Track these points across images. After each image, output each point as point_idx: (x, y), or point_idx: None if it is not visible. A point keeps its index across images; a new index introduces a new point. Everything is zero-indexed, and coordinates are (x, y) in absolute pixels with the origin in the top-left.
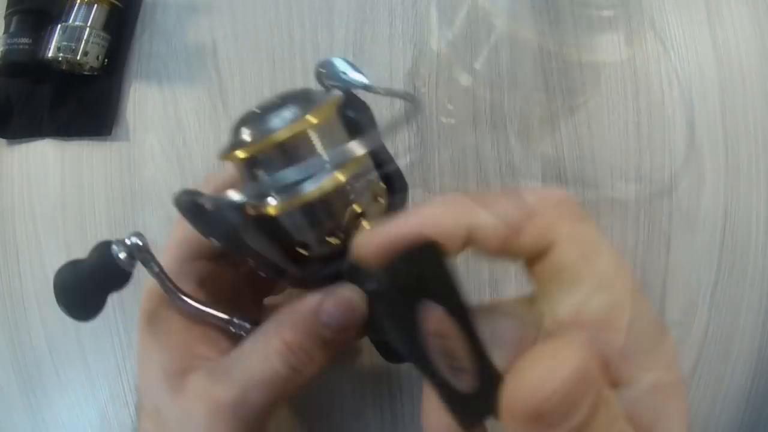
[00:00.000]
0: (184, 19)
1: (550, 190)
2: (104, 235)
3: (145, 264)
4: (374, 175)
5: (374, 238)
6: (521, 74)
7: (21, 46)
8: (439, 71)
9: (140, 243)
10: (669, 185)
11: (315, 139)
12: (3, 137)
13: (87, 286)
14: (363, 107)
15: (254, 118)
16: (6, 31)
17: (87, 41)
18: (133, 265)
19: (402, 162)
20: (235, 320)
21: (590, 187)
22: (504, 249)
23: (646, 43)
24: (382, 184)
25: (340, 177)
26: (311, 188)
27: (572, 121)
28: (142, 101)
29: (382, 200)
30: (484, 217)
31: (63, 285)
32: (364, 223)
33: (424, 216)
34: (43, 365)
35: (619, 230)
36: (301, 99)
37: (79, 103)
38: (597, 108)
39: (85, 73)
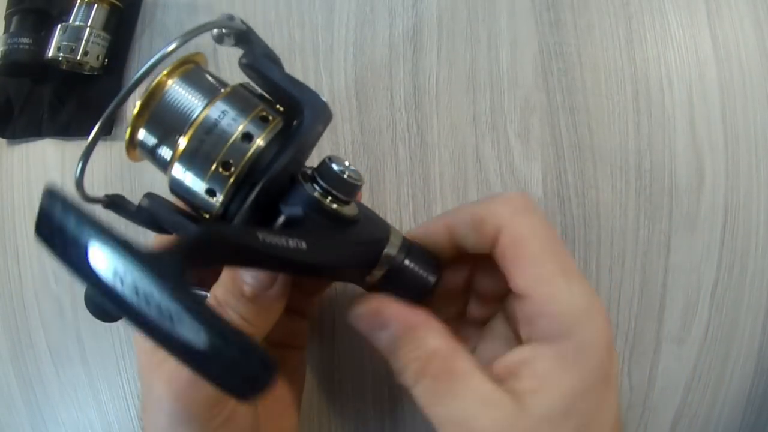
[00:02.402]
0: (184, 19)
1: (503, 194)
2: None
3: None
4: (259, 104)
5: None
6: (521, 74)
7: (21, 46)
8: (439, 71)
9: None
10: (669, 185)
11: (177, 92)
12: (3, 137)
13: None
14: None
15: None
16: (6, 30)
17: (87, 41)
18: None
19: (402, 167)
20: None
21: (590, 187)
22: (477, 241)
23: (646, 43)
24: (278, 109)
25: (205, 112)
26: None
27: (572, 121)
28: None
29: (273, 117)
30: (459, 214)
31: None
32: (257, 142)
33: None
34: (43, 365)
35: (619, 230)
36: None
37: (79, 103)
38: (597, 108)
39: (86, 73)
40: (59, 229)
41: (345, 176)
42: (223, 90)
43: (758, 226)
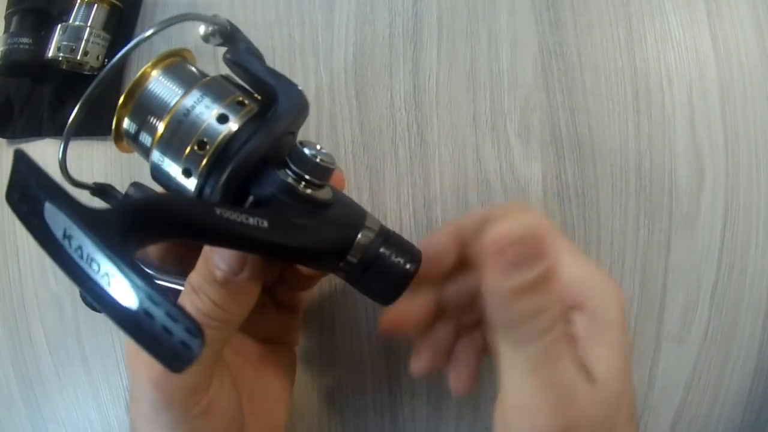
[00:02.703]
0: None
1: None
2: None
3: None
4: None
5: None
6: (521, 74)
7: (21, 46)
8: (439, 70)
9: None
10: (669, 185)
11: (159, 82)
12: (3, 137)
13: None
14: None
15: None
16: (6, 30)
17: (87, 41)
18: None
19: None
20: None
21: (590, 187)
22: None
23: (646, 43)
24: (255, 97)
25: (181, 101)
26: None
27: (572, 121)
28: None
29: (249, 103)
30: (467, 219)
31: None
32: (231, 124)
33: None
34: (43, 365)
35: (619, 230)
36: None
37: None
38: (597, 108)
39: (86, 72)
40: (24, 190)
41: (317, 160)
42: (202, 80)
43: (758, 226)
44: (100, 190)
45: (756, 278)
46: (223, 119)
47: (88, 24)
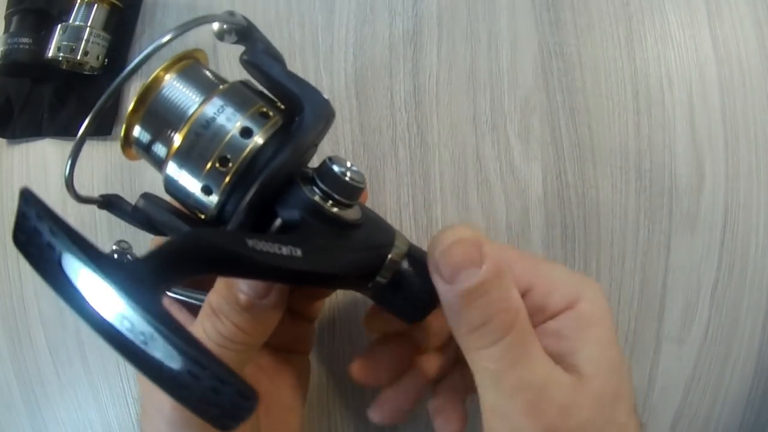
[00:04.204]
0: (184, 19)
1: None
2: (104, 235)
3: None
4: (257, 102)
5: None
6: (521, 74)
7: (21, 46)
8: (439, 71)
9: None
10: (669, 185)
11: (173, 87)
12: (3, 137)
13: None
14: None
15: None
16: (6, 30)
17: (87, 41)
18: None
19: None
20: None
21: (590, 187)
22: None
23: (646, 43)
24: (279, 106)
25: (201, 108)
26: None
27: (572, 121)
28: None
29: (273, 114)
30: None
31: None
32: (256, 138)
33: None
34: (43, 365)
35: (619, 230)
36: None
37: (80, 103)
38: (597, 108)
39: (86, 72)
40: (34, 235)
41: (347, 178)
42: (221, 86)
43: (758, 226)
44: (107, 202)
45: (756, 278)
46: (246, 133)
47: (88, 24)
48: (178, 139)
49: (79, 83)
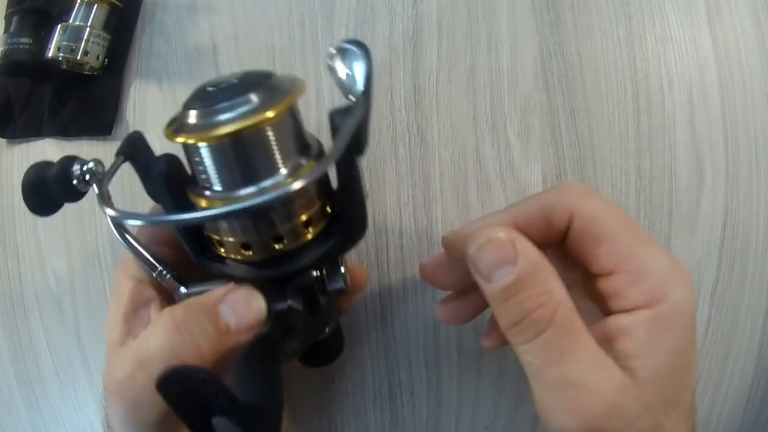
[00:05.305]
0: (184, 19)
1: (565, 183)
2: (104, 236)
3: (99, 189)
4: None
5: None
6: (521, 74)
7: (21, 46)
8: (439, 71)
9: (94, 168)
10: (669, 185)
11: (267, 136)
12: (3, 137)
13: (47, 189)
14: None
15: (205, 99)
16: (6, 30)
17: (87, 41)
18: (87, 185)
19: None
20: (163, 271)
21: None
22: (545, 233)
23: (646, 43)
24: (329, 212)
25: (294, 185)
26: (257, 194)
27: (572, 121)
28: (142, 101)
29: (329, 209)
30: (524, 205)
31: (28, 182)
32: (309, 231)
33: (481, 220)
34: (43, 365)
35: None
36: (260, 84)
37: (79, 103)
38: (597, 108)
39: (86, 72)
40: (191, 394)
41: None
42: (305, 167)
43: (758, 226)
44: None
45: (756, 278)
46: (306, 225)
47: (88, 24)
48: (249, 192)
49: (79, 83)
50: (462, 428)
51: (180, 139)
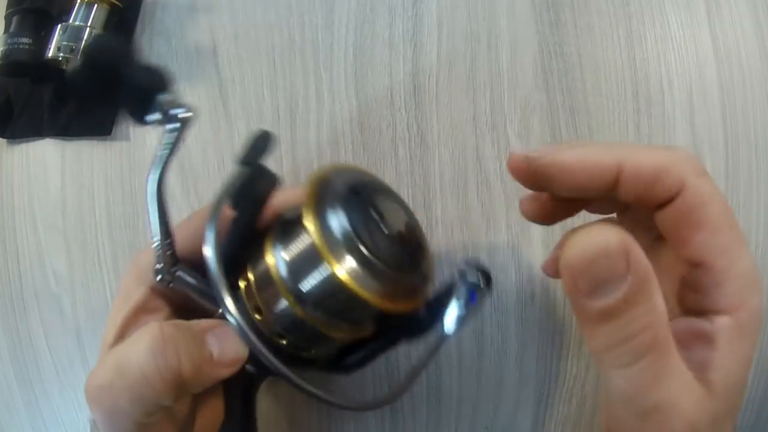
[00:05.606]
0: (184, 19)
1: (679, 148)
2: (104, 236)
3: (167, 133)
4: None
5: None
6: (521, 74)
7: (21, 46)
8: (439, 71)
9: (185, 115)
10: None
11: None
12: (3, 137)
13: (116, 73)
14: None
15: (371, 224)
16: (6, 30)
17: (87, 41)
18: (159, 118)
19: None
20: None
21: None
22: (644, 192)
23: (646, 43)
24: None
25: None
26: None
27: (572, 121)
28: None
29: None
30: (637, 155)
31: (98, 57)
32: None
33: (582, 149)
34: (43, 365)
35: None
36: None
37: (79, 103)
38: (597, 108)
39: None
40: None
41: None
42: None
43: (758, 226)
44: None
45: None
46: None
47: (88, 24)
48: (301, 313)
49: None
50: (462, 428)
51: (353, 286)
